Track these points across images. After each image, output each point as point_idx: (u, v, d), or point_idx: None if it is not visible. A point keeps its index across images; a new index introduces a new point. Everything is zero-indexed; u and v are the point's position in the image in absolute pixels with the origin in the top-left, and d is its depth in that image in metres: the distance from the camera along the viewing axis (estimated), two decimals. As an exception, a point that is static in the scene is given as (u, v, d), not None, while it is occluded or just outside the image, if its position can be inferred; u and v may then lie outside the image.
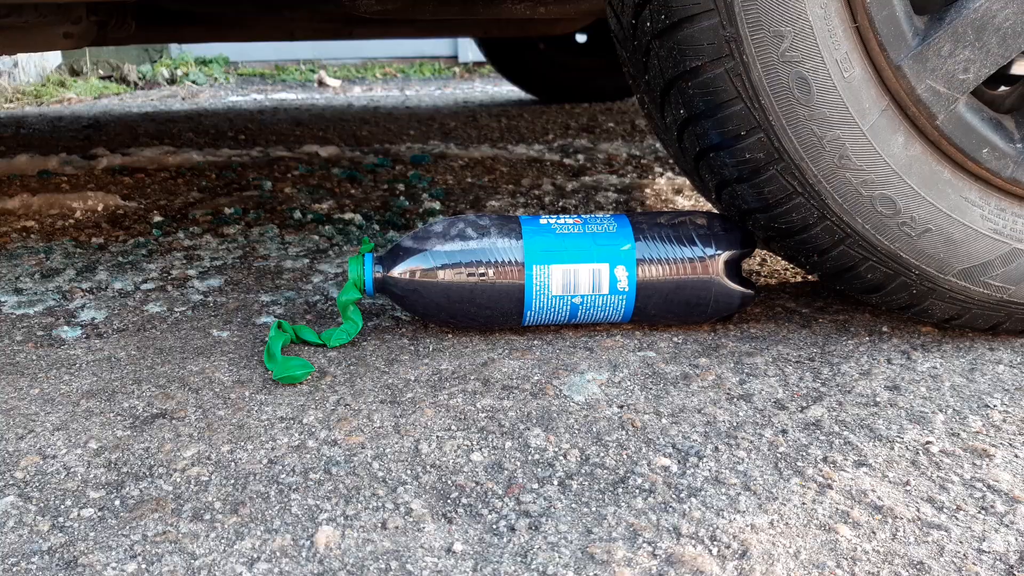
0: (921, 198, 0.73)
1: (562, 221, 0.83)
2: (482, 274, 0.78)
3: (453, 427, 0.67)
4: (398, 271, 0.79)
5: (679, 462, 0.61)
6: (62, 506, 0.57)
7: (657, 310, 0.82)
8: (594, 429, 0.66)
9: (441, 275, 0.78)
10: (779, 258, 1.11)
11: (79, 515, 0.56)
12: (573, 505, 0.56)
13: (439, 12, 1.32)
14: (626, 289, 0.80)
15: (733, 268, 0.81)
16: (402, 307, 0.83)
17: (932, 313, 0.80)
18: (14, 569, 0.51)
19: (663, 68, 0.75)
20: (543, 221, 0.82)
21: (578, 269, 0.79)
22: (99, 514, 0.56)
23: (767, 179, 0.74)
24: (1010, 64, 0.73)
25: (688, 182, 1.53)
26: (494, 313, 0.81)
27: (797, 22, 0.68)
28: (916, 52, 0.69)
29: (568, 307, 0.80)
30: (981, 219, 0.75)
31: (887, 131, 0.72)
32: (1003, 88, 0.80)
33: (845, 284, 0.80)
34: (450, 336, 0.85)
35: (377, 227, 1.27)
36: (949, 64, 0.70)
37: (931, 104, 0.71)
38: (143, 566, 0.50)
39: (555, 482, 0.59)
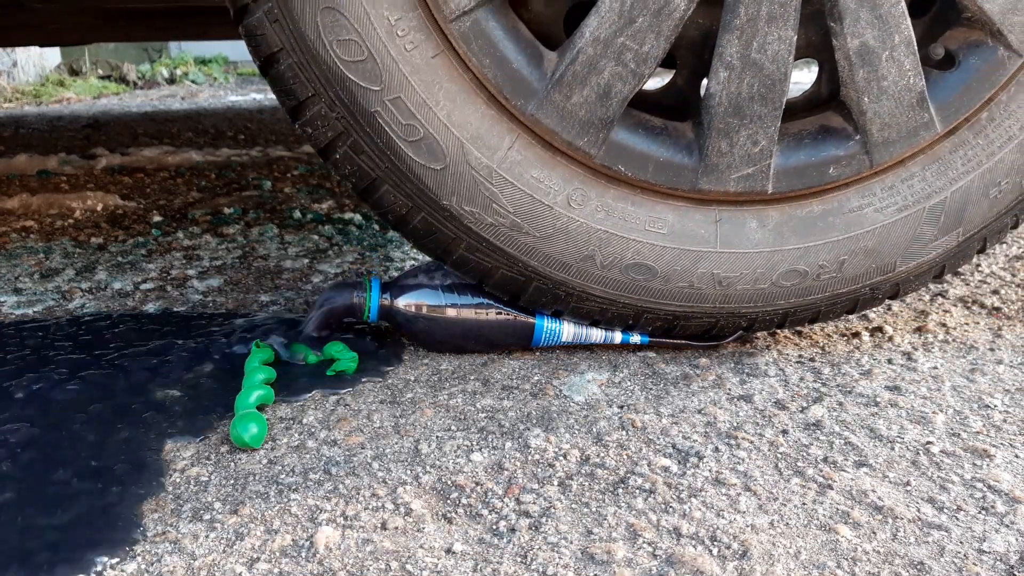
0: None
1: None
2: (497, 312, 0.78)
3: (453, 427, 0.67)
4: (405, 302, 0.79)
5: (679, 462, 0.61)
6: (61, 506, 0.57)
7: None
8: (594, 429, 0.66)
9: (451, 312, 0.78)
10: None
11: (78, 515, 0.56)
12: (573, 505, 0.56)
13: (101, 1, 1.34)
14: (638, 342, 0.81)
15: None
16: (405, 335, 0.83)
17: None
18: (13, 569, 0.50)
19: None
20: None
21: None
22: (99, 514, 0.56)
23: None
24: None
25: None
26: (499, 347, 0.81)
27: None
28: None
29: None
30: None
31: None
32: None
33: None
34: (450, 336, 0.85)
35: (377, 227, 1.27)
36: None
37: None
38: (143, 566, 0.50)
39: (555, 482, 0.59)
